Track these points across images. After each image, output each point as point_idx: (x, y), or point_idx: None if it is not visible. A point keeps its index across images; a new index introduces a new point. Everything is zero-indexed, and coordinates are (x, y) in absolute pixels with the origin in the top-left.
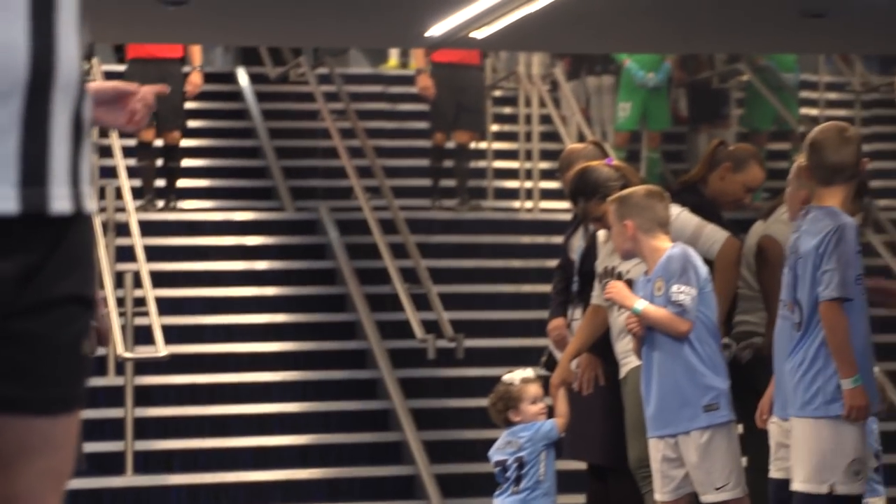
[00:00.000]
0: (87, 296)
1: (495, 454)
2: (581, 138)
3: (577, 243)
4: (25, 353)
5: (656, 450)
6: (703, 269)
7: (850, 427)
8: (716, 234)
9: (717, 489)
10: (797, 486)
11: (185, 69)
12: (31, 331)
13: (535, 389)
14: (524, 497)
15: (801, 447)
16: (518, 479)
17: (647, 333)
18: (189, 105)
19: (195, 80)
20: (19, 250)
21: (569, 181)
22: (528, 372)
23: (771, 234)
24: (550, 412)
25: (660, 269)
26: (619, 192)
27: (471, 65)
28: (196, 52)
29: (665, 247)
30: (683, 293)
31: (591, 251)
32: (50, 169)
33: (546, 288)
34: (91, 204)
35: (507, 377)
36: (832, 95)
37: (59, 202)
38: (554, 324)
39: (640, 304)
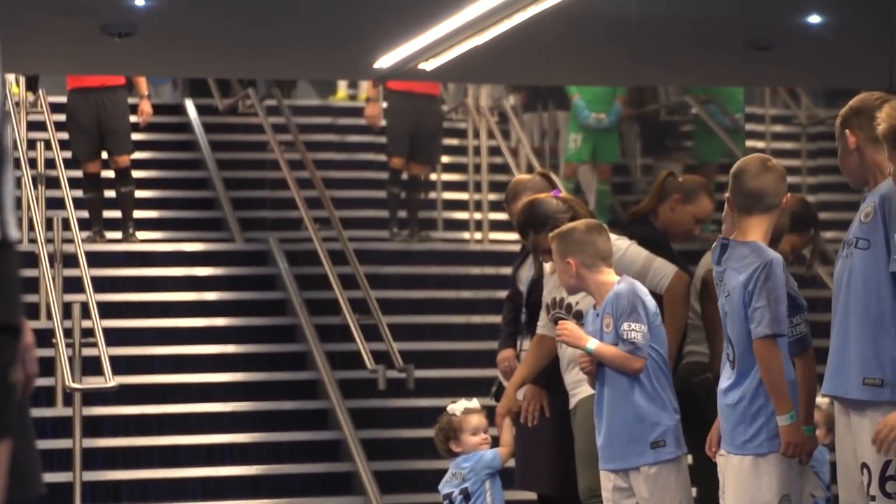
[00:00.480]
0: (13, 324)
1: (443, 487)
2: (531, 170)
3: (526, 274)
4: None
5: (608, 479)
6: (652, 304)
7: (785, 462)
8: (665, 269)
9: None
10: None
11: (132, 100)
12: None
13: (476, 420)
14: None
15: (733, 482)
16: None
17: (598, 368)
18: (136, 136)
19: (146, 109)
20: None
21: (515, 212)
22: (473, 402)
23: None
24: (496, 441)
25: (608, 305)
26: (559, 230)
27: (429, 94)
28: (141, 81)
29: (611, 280)
30: (635, 330)
31: (538, 282)
32: None
33: (496, 319)
34: (14, 232)
35: (450, 407)
36: (778, 128)
37: None
38: (503, 355)
39: (593, 344)
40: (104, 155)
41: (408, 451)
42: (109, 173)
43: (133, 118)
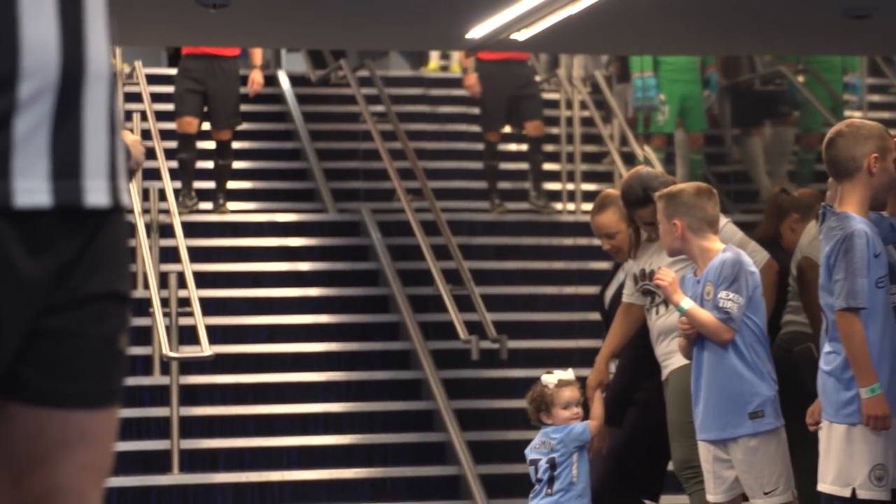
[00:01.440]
0: (123, 291)
1: (530, 452)
2: (623, 141)
3: (611, 294)
4: (62, 349)
5: (707, 451)
6: (756, 276)
7: (879, 433)
8: (758, 254)
9: (766, 494)
10: (823, 487)
11: (244, 71)
12: (67, 327)
13: (569, 394)
14: (557, 499)
15: (828, 449)
16: (551, 481)
17: (698, 335)
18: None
19: (257, 79)
20: (54, 246)
21: (600, 223)
22: (567, 374)
23: (809, 256)
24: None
25: (711, 272)
26: (667, 190)
27: (519, 60)
28: (256, 51)
29: (716, 247)
30: (731, 301)
31: (618, 298)
32: (84, 162)
33: (588, 289)
34: (126, 198)
35: (544, 378)
36: (875, 97)
37: (95, 195)
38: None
39: (687, 303)
40: (206, 126)
41: (501, 421)
42: (207, 144)
43: (243, 89)
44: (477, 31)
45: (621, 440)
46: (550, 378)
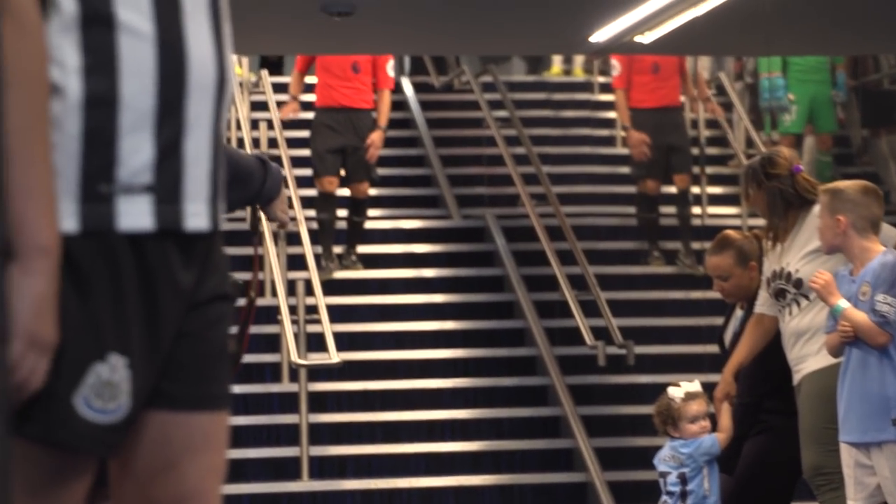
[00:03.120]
0: (229, 293)
1: (659, 464)
2: (749, 143)
3: (730, 333)
4: (188, 352)
5: (848, 454)
6: None
7: None
8: None
9: None
10: None
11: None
12: (192, 331)
13: (696, 407)
14: None
15: None
16: (683, 496)
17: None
18: None
19: (377, 142)
20: (197, 261)
21: (715, 265)
22: (694, 385)
23: None
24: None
25: (870, 273)
26: (831, 185)
27: (672, 107)
28: (384, 110)
29: (876, 249)
30: (889, 304)
31: (737, 339)
32: (219, 185)
33: (715, 294)
34: (222, 219)
35: (671, 391)
36: None
37: (218, 217)
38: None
39: (843, 304)
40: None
41: (628, 427)
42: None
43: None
44: (601, 35)
45: (743, 470)
46: (677, 392)
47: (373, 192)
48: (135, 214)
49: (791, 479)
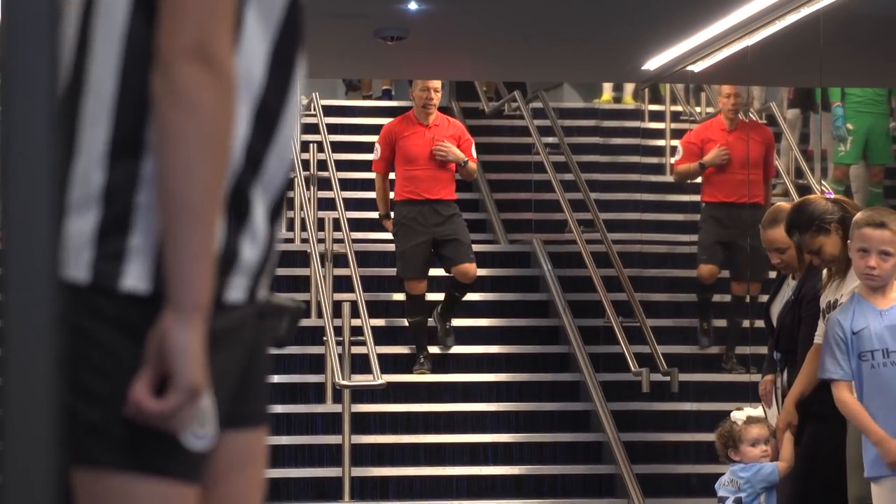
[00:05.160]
0: (271, 313)
1: (719, 489)
2: (798, 172)
3: (777, 308)
4: (243, 372)
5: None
6: None
7: None
8: None
9: None
10: None
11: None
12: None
13: (757, 431)
14: None
15: None
16: None
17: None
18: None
19: (472, 167)
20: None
21: (769, 238)
22: (757, 410)
23: None
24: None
25: None
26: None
27: (753, 203)
28: (472, 169)
29: None
30: None
31: (791, 309)
32: (282, 205)
33: (759, 322)
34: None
35: (733, 415)
36: None
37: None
38: (764, 380)
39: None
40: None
41: (671, 454)
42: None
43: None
44: (653, 63)
45: (798, 460)
46: (739, 414)
47: None
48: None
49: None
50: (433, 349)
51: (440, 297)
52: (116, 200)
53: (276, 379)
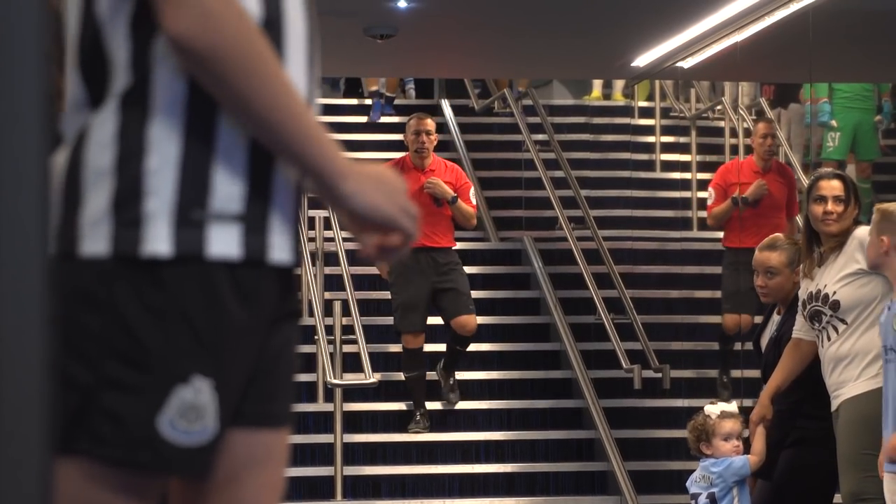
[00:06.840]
0: (300, 312)
1: (691, 486)
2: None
3: (765, 341)
4: (260, 370)
5: (894, 482)
6: None
7: None
8: None
9: None
10: None
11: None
12: (268, 349)
13: (730, 426)
14: None
15: None
16: None
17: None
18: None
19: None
20: (282, 283)
21: (762, 260)
22: (731, 406)
23: None
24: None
25: None
26: (886, 205)
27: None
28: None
29: None
30: None
31: (771, 348)
32: (298, 219)
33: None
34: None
35: (707, 408)
36: None
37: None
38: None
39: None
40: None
41: (663, 450)
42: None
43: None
44: (642, 60)
45: (779, 478)
46: (713, 408)
47: None
48: (225, 242)
49: (828, 486)
50: (434, 405)
51: (438, 347)
52: (128, 169)
53: None
